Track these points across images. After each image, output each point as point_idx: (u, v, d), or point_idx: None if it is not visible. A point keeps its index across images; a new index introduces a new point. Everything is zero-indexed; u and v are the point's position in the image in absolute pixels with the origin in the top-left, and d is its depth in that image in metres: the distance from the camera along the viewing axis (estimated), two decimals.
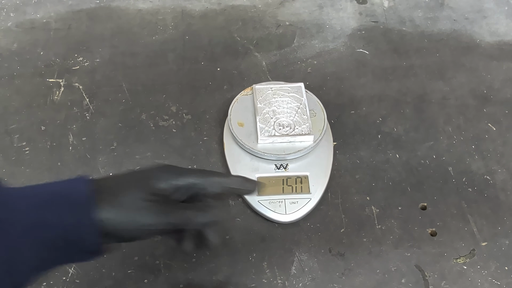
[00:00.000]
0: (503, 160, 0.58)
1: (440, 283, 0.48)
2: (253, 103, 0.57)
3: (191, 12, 0.75)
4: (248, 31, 0.73)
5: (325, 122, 0.56)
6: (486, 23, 0.74)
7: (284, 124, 0.55)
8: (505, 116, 0.62)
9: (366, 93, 0.64)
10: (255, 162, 0.54)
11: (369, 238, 0.51)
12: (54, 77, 0.66)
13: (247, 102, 0.58)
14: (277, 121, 0.55)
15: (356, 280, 0.48)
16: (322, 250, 0.50)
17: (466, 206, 0.54)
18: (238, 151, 0.55)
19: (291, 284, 0.48)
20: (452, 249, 0.50)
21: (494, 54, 0.70)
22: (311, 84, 0.64)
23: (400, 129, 0.61)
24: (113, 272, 0.49)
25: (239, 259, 0.50)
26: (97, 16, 0.75)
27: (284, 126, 0.55)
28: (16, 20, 0.74)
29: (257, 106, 0.56)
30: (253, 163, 0.54)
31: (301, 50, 0.70)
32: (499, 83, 0.66)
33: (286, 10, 0.76)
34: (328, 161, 0.55)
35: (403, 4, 0.77)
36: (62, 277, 0.48)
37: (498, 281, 0.48)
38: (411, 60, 0.69)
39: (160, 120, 0.61)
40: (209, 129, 0.60)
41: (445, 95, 0.64)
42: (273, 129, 0.54)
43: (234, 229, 0.52)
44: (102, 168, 0.57)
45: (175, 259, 0.50)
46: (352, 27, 0.74)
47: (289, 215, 0.51)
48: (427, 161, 0.58)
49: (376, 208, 0.54)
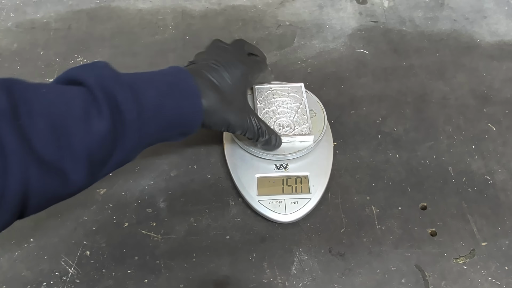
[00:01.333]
0: (503, 160, 0.58)
1: (440, 283, 0.48)
2: (253, 103, 0.57)
3: (191, 12, 0.75)
4: (248, 31, 0.73)
5: (325, 122, 0.56)
6: (486, 23, 0.74)
7: (284, 124, 0.55)
8: (505, 116, 0.62)
9: (366, 93, 0.64)
10: (255, 162, 0.54)
11: (369, 238, 0.51)
12: (54, 77, 0.66)
13: None
14: (277, 121, 0.55)
15: (356, 280, 0.48)
16: (322, 250, 0.50)
17: (466, 206, 0.54)
18: (238, 151, 0.55)
19: (291, 284, 0.48)
20: (452, 249, 0.51)
21: (494, 54, 0.70)
22: (311, 84, 0.64)
23: (400, 129, 0.61)
24: (113, 272, 0.49)
25: (239, 259, 0.50)
26: (97, 16, 0.75)
27: (284, 126, 0.55)
28: (16, 20, 0.74)
29: (257, 106, 0.56)
30: (253, 163, 0.54)
31: (301, 50, 0.70)
32: (499, 83, 0.66)
33: (286, 10, 0.76)
34: (328, 161, 0.55)
35: (403, 4, 0.77)
36: (62, 277, 0.48)
37: (498, 281, 0.48)
38: (411, 60, 0.69)
39: None
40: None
41: (445, 95, 0.64)
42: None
43: (234, 229, 0.52)
44: None
45: (175, 259, 0.50)
46: (352, 27, 0.74)
47: (289, 215, 0.51)
48: (427, 161, 0.58)
49: (376, 208, 0.54)
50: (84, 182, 0.38)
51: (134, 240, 0.51)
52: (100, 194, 0.55)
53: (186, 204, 0.54)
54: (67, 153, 0.35)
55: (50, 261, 0.49)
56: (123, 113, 0.38)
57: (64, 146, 0.35)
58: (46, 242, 0.51)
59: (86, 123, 0.36)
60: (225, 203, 0.54)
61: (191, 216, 0.53)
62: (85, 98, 0.37)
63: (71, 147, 0.35)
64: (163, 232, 0.52)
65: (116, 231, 0.52)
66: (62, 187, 0.36)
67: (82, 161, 0.36)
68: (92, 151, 0.36)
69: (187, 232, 0.52)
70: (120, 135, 0.38)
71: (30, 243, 0.51)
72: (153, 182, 0.56)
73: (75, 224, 0.52)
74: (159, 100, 0.41)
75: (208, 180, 0.56)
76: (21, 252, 0.50)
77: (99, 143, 0.37)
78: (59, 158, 0.34)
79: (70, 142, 0.35)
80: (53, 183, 0.35)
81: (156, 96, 0.41)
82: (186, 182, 0.56)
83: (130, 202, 0.54)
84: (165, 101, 0.42)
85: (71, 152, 0.35)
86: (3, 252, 0.50)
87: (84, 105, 0.36)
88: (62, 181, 0.36)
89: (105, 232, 0.52)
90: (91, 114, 0.36)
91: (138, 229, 0.52)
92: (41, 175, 0.33)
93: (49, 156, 0.34)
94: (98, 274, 0.49)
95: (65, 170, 0.35)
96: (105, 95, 0.37)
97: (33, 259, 0.50)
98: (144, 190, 0.55)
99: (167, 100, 0.42)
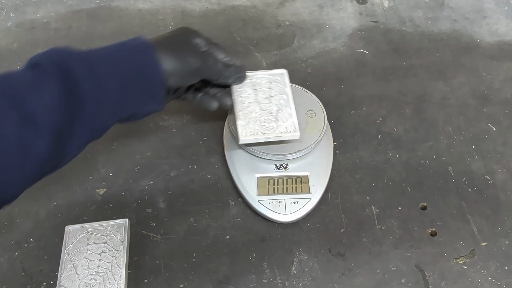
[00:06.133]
0: (503, 160, 0.58)
1: (440, 283, 0.48)
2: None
3: (191, 12, 0.75)
4: (248, 31, 0.73)
5: (325, 122, 0.56)
6: (486, 23, 0.74)
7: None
8: (505, 116, 0.62)
9: (366, 93, 0.64)
10: (255, 162, 0.54)
11: (369, 238, 0.51)
12: None
13: None
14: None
15: (356, 280, 0.48)
16: (322, 250, 0.50)
17: (466, 206, 0.54)
18: (238, 151, 0.55)
19: (291, 284, 0.48)
20: (452, 249, 0.51)
21: (494, 54, 0.70)
22: (311, 84, 0.64)
23: (400, 129, 0.61)
24: None
25: (239, 259, 0.50)
26: (97, 16, 0.75)
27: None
28: (16, 20, 0.74)
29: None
30: (253, 163, 0.54)
31: (301, 50, 0.70)
32: (499, 83, 0.66)
33: (286, 10, 0.76)
34: (328, 161, 0.55)
35: (403, 4, 0.77)
36: None
37: (498, 281, 0.48)
38: (411, 60, 0.69)
39: (160, 120, 0.61)
40: (209, 129, 0.60)
41: (445, 95, 0.64)
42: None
43: (234, 229, 0.52)
44: (102, 168, 0.57)
45: (175, 259, 0.50)
46: (352, 27, 0.74)
47: (289, 215, 0.51)
48: (427, 161, 0.58)
49: (376, 208, 0.54)
50: (52, 152, 0.37)
51: (134, 240, 0.51)
52: (100, 194, 0.55)
53: (186, 204, 0.54)
54: (26, 121, 0.35)
55: (50, 261, 0.49)
56: (73, 73, 0.38)
57: (20, 116, 0.35)
58: (46, 242, 0.51)
59: (36, 90, 0.37)
60: (225, 203, 0.54)
61: (191, 216, 0.53)
62: (34, 71, 0.38)
63: (28, 115, 0.35)
64: (163, 232, 0.52)
65: None
66: (28, 158, 0.36)
67: (43, 128, 0.36)
68: (51, 117, 0.36)
69: (187, 232, 0.52)
70: (77, 97, 0.38)
71: (30, 243, 0.51)
72: (153, 182, 0.56)
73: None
74: (110, 57, 0.42)
75: (208, 180, 0.56)
76: (21, 252, 0.50)
77: (55, 107, 0.37)
78: (18, 128, 0.35)
79: (25, 111, 0.35)
80: (15, 155, 0.35)
81: (106, 54, 0.42)
82: (186, 182, 0.56)
83: (130, 202, 0.54)
84: (116, 57, 0.42)
85: (29, 121, 0.35)
86: (3, 252, 0.50)
87: (32, 76, 0.37)
88: (27, 152, 0.36)
89: None
90: (40, 81, 0.37)
91: (138, 229, 0.52)
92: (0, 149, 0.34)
93: (6, 128, 0.34)
94: None
95: (27, 139, 0.35)
96: (53, 62, 0.38)
97: (33, 259, 0.50)
98: (144, 190, 0.55)
99: (117, 56, 0.42)
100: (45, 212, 0.53)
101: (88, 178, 0.56)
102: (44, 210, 0.53)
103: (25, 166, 0.36)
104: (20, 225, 0.52)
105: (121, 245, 0.49)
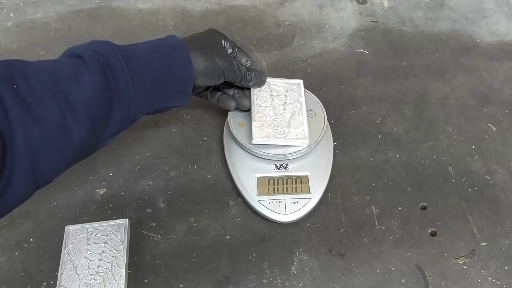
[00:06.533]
0: (503, 160, 0.58)
1: (440, 283, 0.48)
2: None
3: (191, 12, 0.75)
4: (248, 31, 0.73)
5: (325, 122, 0.56)
6: (486, 23, 0.74)
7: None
8: (505, 116, 0.62)
9: (366, 93, 0.64)
10: (255, 162, 0.54)
11: (369, 238, 0.51)
12: None
13: None
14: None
15: (356, 280, 0.48)
16: (322, 250, 0.50)
17: (466, 206, 0.54)
18: (238, 151, 0.55)
19: (291, 284, 0.48)
20: (452, 249, 0.51)
21: (494, 54, 0.70)
22: (311, 84, 0.64)
23: (400, 129, 0.61)
24: None
25: (239, 259, 0.50)
26: (97, 16, 0.75)
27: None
28: (16, 20, 0.74)
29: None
30: (253, 163, 0.54)
31: (301, 50, 0.70)
32: (499, 83, 0.66)
33: (286, 10, 0.76)
34: (328, 161, 0.55)
35: (403, 4, 0.77)
36: None
37: (498, 281, 0.48)
38: (411, 60, 0.69)
39: (160, 120, 0.61)
40: (209, 129, 0.60)
41: (445, 95, 0.64)
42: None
43: (234, 229, 0.52)
44: (102, 168, 0.57)
45: (175, 259, 0.50)
46: (352, 27, 0.74)
47: (289, 215, 0.51)
48: (427, 161, 0.58)
49: (376, 208, 0.54)
50: (88, 138, 0.40)
51: (134, 240, 0.51)
52: (100, 194, 0.55)
53: (186, 204, 0.54)
54: (66, 109, 0.37)
55: (50, 261, 0.49)
56: (113, 67, 0.41)
57: (61, 103, 0.37)
58: (46, 242, 0.51)
59: (77, 80, 0.39)
60: (225, 203, 0.54)
61: (191, 216, 0.53)
62: (75, 61, 0.40)
63: (68, 103, 0.38)
64: (163, 232, 0.52)
65: None
66: (66, 144, 0.38)
67: (82, 116, 0.38)
68: (89, 106, 0.39)
69: (187, 232, 0.52)
70: (115, 89, 0.41)
71: (30, 243, 0.51)
72: (153, 182, 0.56)
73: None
74: (147, 53, 0.44)
75: (208, 180, 0.56)
76: (21, 252, 0.50)
77: (94, 97, 0.39)
78: (59, 115, 0.37)
79: (66, 99, 0.37)
80: (55, 140, 0.37)
81: (144, 50, 0.45)
82: (186, 182, 0.56)
83: (130, 202, 0.54)
84: (153, 54, 0.44)
85: (69, 108, 0.38)
86: (3, 252, 0.50)
87: (73, 66, 0.39)
88: (65, 137, 0.38)
89: None
90: (81, 71, 0.39)
91: (138, 229, 0.52)
92: (41, 133, 0.36)
93: (48, 114, 0.36)
94: None
95: (67, 126, 0.38)
96: (94, 55, 0.41)
97: (33, 259, 0.50)
98: (144, 190, 0.55)
99: (154, 53, 0.45)
100: (45, 212, 0.53)
101: (88, 178, 0.56)
102: (44, 210, 0.53)
103: (63, 151, 0.38)
104: (20, 225, 0.52)
105: (121, 245, 0.49)
